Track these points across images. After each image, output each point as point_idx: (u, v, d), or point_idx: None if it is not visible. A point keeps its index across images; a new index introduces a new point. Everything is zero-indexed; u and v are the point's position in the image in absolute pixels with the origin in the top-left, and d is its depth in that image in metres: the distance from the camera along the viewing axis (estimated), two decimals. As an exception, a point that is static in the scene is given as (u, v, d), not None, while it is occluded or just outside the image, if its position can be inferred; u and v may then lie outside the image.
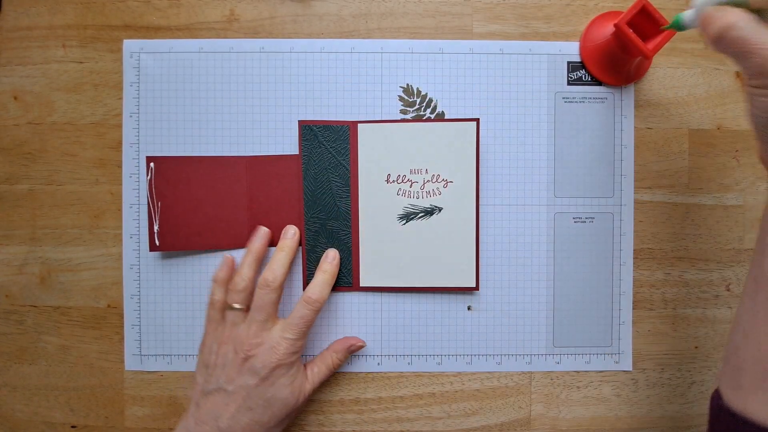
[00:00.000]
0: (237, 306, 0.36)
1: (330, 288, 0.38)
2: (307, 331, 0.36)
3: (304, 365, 0.38)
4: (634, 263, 0.41)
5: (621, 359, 0.41)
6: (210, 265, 0.40)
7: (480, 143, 0.40)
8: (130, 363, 0.40)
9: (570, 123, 0.40)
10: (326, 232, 0.39)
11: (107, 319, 0.40)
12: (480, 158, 0.40)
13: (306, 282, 0.40)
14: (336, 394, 0.40)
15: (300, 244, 0.39)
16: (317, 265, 0.39)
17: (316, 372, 0.38)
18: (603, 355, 0.41)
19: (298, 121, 0.39)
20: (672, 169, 0.41)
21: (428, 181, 0.39)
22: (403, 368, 0.40)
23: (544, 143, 0.40)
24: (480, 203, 0.40)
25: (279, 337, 0.35)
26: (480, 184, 0.40)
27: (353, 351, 0.39)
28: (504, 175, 0.40)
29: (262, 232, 0.38)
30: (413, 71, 0.40)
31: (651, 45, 0.35)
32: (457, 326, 0.40)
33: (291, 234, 0.38)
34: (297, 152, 0.40)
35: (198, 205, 0.39)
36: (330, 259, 0.39)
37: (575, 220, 0.40)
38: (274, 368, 0.34)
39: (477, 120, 0.39)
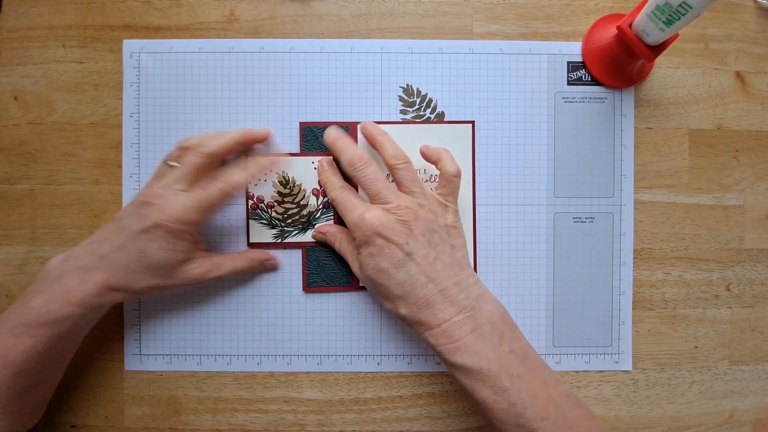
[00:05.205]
0: (171, 162, 0.35)
1: (231, 146, 0.36)
2: (208, 207, 0.34)
3: (213, 254, 0.38)
4: (634, 263, 0.41)
5: (621, 359, 0.41)
6: (210, 265, 0.40)
7: (480, 143, 0.40)
8: (130, 363, 0.40)
9: (570, 123, 0.40)
10: (326, 232, 0.40)
11: (107, 319, 0.40)
12: (480, 158, 0.40)
13: (305, 281, 0.40)
14: (336, 394, 0.40)
15: (260, 140, 0.38)
16: (317, 265, 0.40)
17: (218, 265, 0.37)
18: (603, 355, 0.41)
19: (299, 122, 0.39)
20: (672, 169, 0.41)
21: (426, 181, 0.39)
22: (403, 368, 0.40)
23: (544, 143, 0.40)
24: (480, 203, 0.40)
25: (174, 201, 0.33)
26: (479, 184, 0.40)
27: (265, 266, 0.39)
28: (504, 175, 0.40)
29: (264, 130, 0.38)
30: (413, 71, 0.40)
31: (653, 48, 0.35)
32: (457, 326, 0.40)
33: (262, 128, 0.38)
34: (297, 152, 0.40)
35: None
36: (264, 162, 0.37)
37: (575, 220, 0.40)
38: (154, 225, 0.33)
39: (472, 122, 0.39)
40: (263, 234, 0.39)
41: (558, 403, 0.31)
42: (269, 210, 0.39)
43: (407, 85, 0.40)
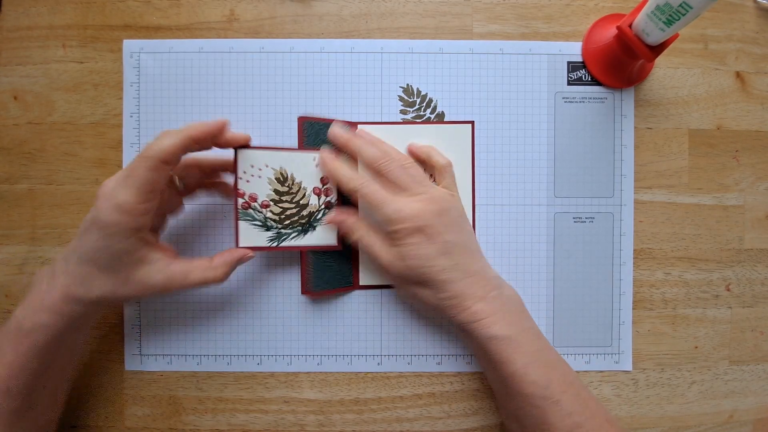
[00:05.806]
0: None
1: (179, 145, 0.30)
2: (145, 196, 0.30)
3: (178, 260, 0.33)
4: (634, 263, 0.41)
5: (621, 359, 0.41)
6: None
7: (480, 143, 0.40)
8: (130, 363, 0.40)
9: (570, 123, 0.40)
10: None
11: (107, 319, 0.40)
12: (480, 158, 0.40)
13: (304, 283, 0.40)
14: (336, 394, 0.40)
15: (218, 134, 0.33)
16: (317, 268, 0.39)
17: (185, 274, 0.33)
18: (603, 355, 0.41)
19: (298, 117, 0.39)
20: (672, 169, 0.41)
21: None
22: (403, 368, 0.40)
23: (544, 143, 0.40)
24: (480, 203, 0.40)
25: (107, 192, 0.30)
26: (479, 184, 0.40)
27: (242, 262, 0.35)
28: (504, 175, 0.40)
29: (217, 120, 0.33)
30: (413, 71, 0.40)
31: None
32: (457, 326, 0.40)
33: (215, 120, 0.32)
34: (296, 147, 0.39)
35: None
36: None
37: (575, 220, 0.40)
38: (91, 222, 0.30)
39: (472, 122, 0.40)
40: (256, 237, 0.36)
41: (571, 380, 0.33)
42: (263, 210, 0.36)
43: (407, 85, 0.40)
